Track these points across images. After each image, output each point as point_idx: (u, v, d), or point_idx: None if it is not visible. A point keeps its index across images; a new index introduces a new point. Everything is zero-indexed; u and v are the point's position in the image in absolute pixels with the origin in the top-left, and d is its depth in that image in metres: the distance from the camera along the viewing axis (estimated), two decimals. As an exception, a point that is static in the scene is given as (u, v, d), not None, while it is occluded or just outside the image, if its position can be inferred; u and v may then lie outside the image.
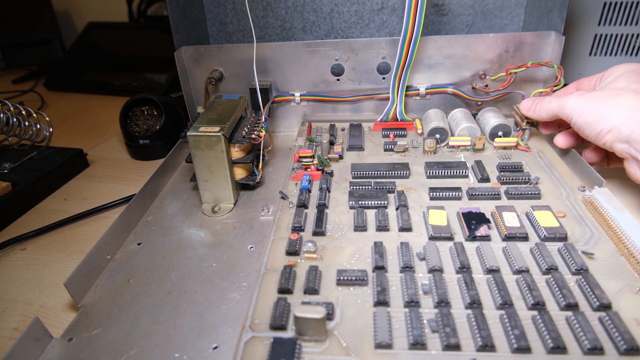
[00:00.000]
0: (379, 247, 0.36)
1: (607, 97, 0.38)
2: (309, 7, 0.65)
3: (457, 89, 0.56)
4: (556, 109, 0.42)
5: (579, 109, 0.39)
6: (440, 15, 0.64)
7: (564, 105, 0.41)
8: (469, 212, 0.39)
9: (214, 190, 0.45)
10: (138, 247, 0.41)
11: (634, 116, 0.35)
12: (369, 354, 0.28)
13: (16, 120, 0.58)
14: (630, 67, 0.41)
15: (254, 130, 0.46)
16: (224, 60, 0.57)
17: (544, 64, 0.50)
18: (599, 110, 0.38)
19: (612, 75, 0.41)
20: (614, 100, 0.37)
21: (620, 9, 0.61)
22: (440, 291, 0.31)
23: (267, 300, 0.32)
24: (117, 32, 0.99)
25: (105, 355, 0.31)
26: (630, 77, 0.39)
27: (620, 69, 0.41)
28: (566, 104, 0.41)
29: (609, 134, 0.37)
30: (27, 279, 0.40)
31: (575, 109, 0.39)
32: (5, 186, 0.50)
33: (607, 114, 0.37)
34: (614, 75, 0.41)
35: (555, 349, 0.27)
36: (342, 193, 0.44)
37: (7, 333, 0.35)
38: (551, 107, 0.43)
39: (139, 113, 0.63)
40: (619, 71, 0.41)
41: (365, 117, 0.60)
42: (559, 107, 0.42)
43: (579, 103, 0.39)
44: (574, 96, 0.40)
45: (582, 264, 0.33)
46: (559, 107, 0.42)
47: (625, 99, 0.36)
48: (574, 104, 0.40)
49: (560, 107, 0.41)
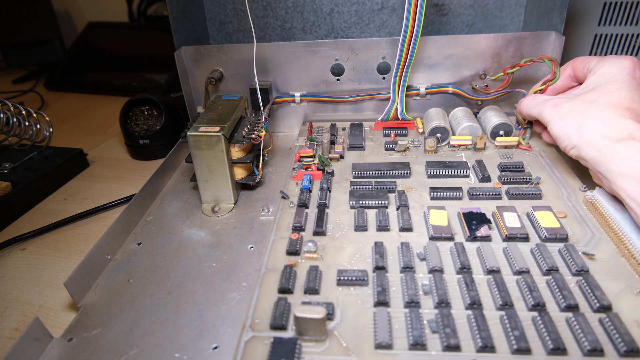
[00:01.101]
0: (380, 247, 0.36)
1: (577, 113, 0.38)
2: (309, 7, 0.65)
3: (457, 88, 0.56)
4: (537, 115, 0.43)
5: (552, 120, 0.40)
6: (440, 15, 0.64)
7: (541, 113, 0.42)
8: (470, 212, 0.39)
9: (214, 190, 0.45)
10: (138, 247, 0.41)
11: (596, 142, 0.35)
12: (369, 354, 0.28)
13: (16, 120, 0.58)
14: (615, 70, 0.39)
15: (254, 130, 0.46)
16: (224, 60, 0.57)
17: (536, 60, 0.50)
18: (566, 126, 0.38)
19: (603, 76, 0.39)
20: (582, 118, 0.37)
21: (620, 9, 0.61)
22: (440, 292, 0.31)
23: (267, 300, 0.32)
24: (117, 32, 0.99)
25: (105, 355, 0.31)
26: (609, 87, 0.38)
27: (605, 73, 0.39)
28: (543, 112, 0.42)
29: (572, 149, 0.38)
30: (27, 279, 0.40)
31: (550, 119, 0.41)
32: (5, 186, 0.50)
33: (572, 133, 0.37)
34: (596, 81, 0.40)
35: (555, 350, 0.27)
36: (342, 193, 0.44)
37: (7, 333, 0.35)
38: (532, 113, 0.44)
39: (139, 113, 0.63)
40: (604, 76, 0.39)
41: (366, 116, 0.60)
42: (539, 114, 0.43)
43: (552, 115, 0.40)
44: (550, 107, 0.41)
45: (583, 265, 0.33)
46: (538, 114, 0.43)
47: (592, 118, 0.36)
48: (549, 115, 0.41)
49: (539, 114, 0.43)
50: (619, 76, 0.38)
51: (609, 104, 0.36)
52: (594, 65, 0.41)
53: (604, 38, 0.64)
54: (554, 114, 0.40)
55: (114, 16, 1.10)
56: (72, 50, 1.00)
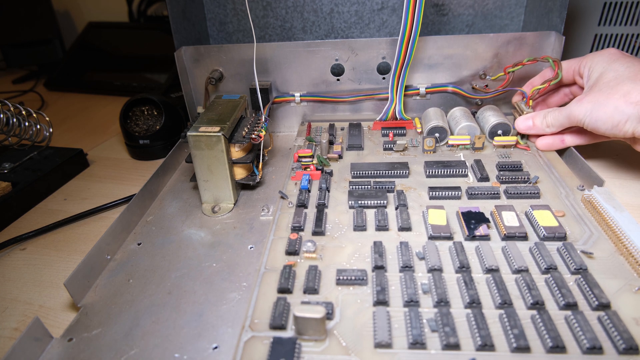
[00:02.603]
0: (379, 247, 0.36)
1: (609, 93, 0.40)
2: (309, 7, 0.65)
3: (457, 87, 0.56)
4: (565, 120, 0.45)
5: (587, 112, 0.41)
6: (440, 15, 0.64)
7: (570, 114, 0.43)
8: (469, 211, 0.39)
9: (214, 190, 0.45)
10: (138, 247, 0.41)
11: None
12: (368, 354, 0.28)
13: (16, 120, 0.58)
14: (606, 57, 0.43)
15: (254, 130, 0.46)
16: (224, 60, 0.57)
17: (539, 59, 0.50)
18: (607, 105, 0.40)
19: (595, 69, 0.44)
20: (617, 92, 0.40)
21: (620, 9, 0.61)
22: (439, 291, 0.31)
23: (266, 300, 0.32)
24: (117, 32, 0.99)
25: (105, 355, 0.31)
26: (615, 66, 0.42)
27: (599, 62, 0.44)
28: (572, 112, 0.43)
29: (627, 122, 0.39)
30: (27, 279, 0.41)
31: (583, 112, 0.42)
32: (5, 186, 0.50)
33: (618, 106, 0.39)
34: (597, 70, 0.43)
35: (555, 348, 0.27)
36: (341, 193, 0.44)
37: (7, 333, 0.35)
38: (560, 120, 0.45)
39: (139, 113, 0.63)
40: (599, 64, 0.43)
41: (365, 116, 0.60)
42: (567, 118, 0.44)
43: (584, 107, 0.42)
44: (575, 104, 0.43)
45: (581, 264, 0.33)
46: (566, 118, 0.44)
47: (626, 87, 0.39)
48: (580, 109, 0.42)
49: (567, 117, 0.44)
50: (614, 57, 0.43)
51: (633, 76, 0.39)
52: (587, 65, 0.45)
53: (604, 38, 0.64)
54: (586, 105, 0.41)
55: (114, 16, 1.10)
56: (72, 50, 1.00)
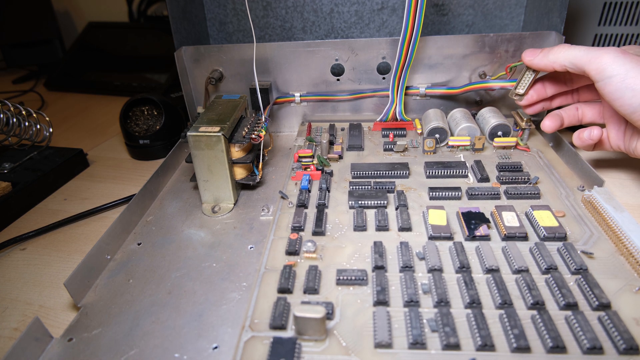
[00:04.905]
0: (379, 247, 0.36)
1: None
2: (309, 7, 0.65)
3: (456, 87, 0.56)
4: (583, 60, 0.34)
5: (622, 70, 0.31)
6: (440, 15, 0.64)
7: (598, 58, 0.33)
8: (469, 211, 0.39)
9: (214, 190, 0.45)
10: (138, 247, 0.41)
11: None
12: (368, 354, 0.28)
13: (16, 120, 0.58)
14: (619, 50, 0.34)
15: (254, 130, 0.46)
16: (224, 60, 0.57)
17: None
18: None
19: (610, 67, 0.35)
20: None
21: (620, 9, 0.61)
22: (439, 291, 0.31)
23: (266, 300, 0.32)
24: (117, 32, 0.99)
25: (105, 355, 0.31)
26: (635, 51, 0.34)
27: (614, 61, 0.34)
28: (603, 57, 0.33)
29: None
30: (27, 279, 0.40)
31: (615, 68, 0.32)
32: (5, 186, 0.50)
33: None
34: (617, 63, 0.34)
35: (555, 348, 0.27)
36: (341, 193, 0.44)
37: (7, 333, 0.35)
38: (575, 55, 0.35)
39: (139, 113, 0.63)
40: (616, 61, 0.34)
41: (365, 117, 0.60)
42: (589, 59, 0.33)
43: (623, 62, 0.31)
44: (615, 51, 0.32)
45: (582, 264, 0.33)
46: (589, 59, 0.34)
47: None
48: (615, 61, 0.31)
49: (590, 60, 0.33)
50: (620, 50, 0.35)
51: None
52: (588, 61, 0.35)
53: (604, 38, 0.64)
54: (627, 62, 0.32)
55: (114, 16, 1.10)
56: (72, 50, 1.00)
